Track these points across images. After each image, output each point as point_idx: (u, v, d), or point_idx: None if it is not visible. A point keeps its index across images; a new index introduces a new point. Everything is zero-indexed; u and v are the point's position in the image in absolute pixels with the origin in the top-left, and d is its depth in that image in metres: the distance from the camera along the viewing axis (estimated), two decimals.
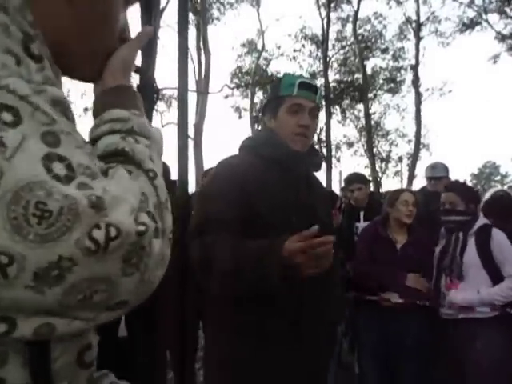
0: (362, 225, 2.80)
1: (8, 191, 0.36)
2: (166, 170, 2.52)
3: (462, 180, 2.83)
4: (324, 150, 15.46)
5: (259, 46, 18.39)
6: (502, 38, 15.06)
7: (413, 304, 2.18)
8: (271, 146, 1.28)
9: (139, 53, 0.61)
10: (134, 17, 0.65)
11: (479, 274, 2.12)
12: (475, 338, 2.06)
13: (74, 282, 0.39)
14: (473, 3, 15.39)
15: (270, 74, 16.94)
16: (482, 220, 2.26)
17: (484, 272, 2.12)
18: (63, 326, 0.41)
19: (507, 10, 14.56)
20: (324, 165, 15.17)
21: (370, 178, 10.79)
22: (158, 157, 0.51)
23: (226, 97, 17.58)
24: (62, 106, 0.42)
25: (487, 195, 3.29)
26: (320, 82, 15.85)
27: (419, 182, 17.62)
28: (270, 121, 1.34)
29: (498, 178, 38.33)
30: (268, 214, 1.17)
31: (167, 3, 10.71)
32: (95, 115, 0.52)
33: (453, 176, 3.28)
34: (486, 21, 15.34)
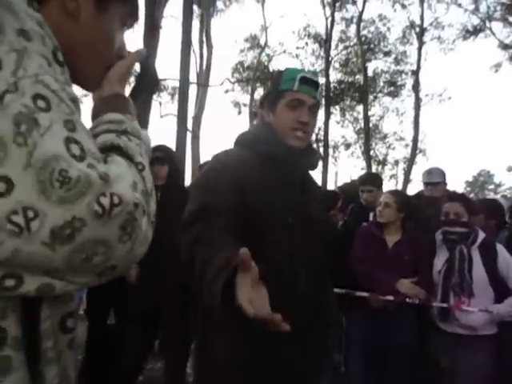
0: None
1: (39, 159, 0.43)
2: (175, 158, 2.51)
3: (456, 187, 2.86)
4: (321, 150, 15.47)
5: (262, 42, 18.32)
6: (504, 46, 15.11)
7: (402, 302, 2.18)
8: (268, 142, 1.23)
9: (141, 41, 0.67)
10: (139, 5, 0.72)
11: (486, 290, 2.13)
12: (469, 352, 2.08)
13: (82, 242, 0.46)
14: (477, 10, 15.43)
15: (271, 70, 16.86)
16: (482, 233, 2.26)
17: (489, 287, 2.14)
18: (61, 286, 0.48)
19: (511, 18, 14.60)
20: (320, 164, 15.17)
21: None
22: (146, 154, 0.60)
23: (227, 91, 17.52)
24: (76, 103, 0.51)
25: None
26: (321, 81, 15.83)
27: (414, 187, 17.70)
28: (269, 115, 1.29)
29: (492, 186, 38.63)
30: (265, 212, 1.13)
31: None
32: (94, 117, 0.62)
33: (448, 182, 3.27)
34: (490, 29, 15.39)
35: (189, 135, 14.17)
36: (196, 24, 15.35)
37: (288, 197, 1.20)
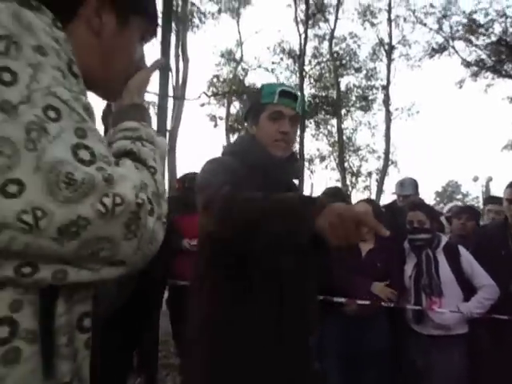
0: None
1: (47, 163, 0.47)
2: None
3: (426, 198, 3.06)
4: None
5: (237, 57, 18.62)
6: (467, 64, 15.96)
7: (378, 306, 2.26)
8: (253, 152, 1.30)
9: None
10: (157, 20, 0.76)
11: (454, 288, 2.27)
12: (444, 352, 2.18)
13: (87, 238, 0.49)
14: (441, 30, 16.28)
15: (247, 84, 17.11)
16: (444, 237, 2.42)
17: (457, 286, 2.27)
18: (74, 273, 0.51)
19: (472, 38, 15.48)
20: None
21: None
22: (161, 159, 0.64)
23: (203, 105, 17.59)
24: (90, 112, 0.55)
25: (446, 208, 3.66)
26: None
27: (387, 197, 18.19)
28: (252, 128, 1.37)
29: (460, 196, 40.12)
30: None
31: None
32: (113, 125, 0.66)
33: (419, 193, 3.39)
34: (453, 47, 16.24)
35: None
36: (172, 39, 15.44)
37: None
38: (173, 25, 14.44)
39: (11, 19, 0.50)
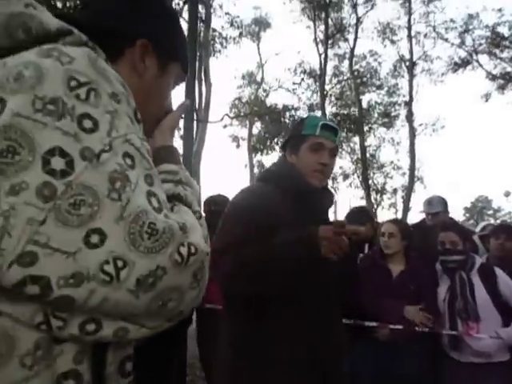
0: None
1: (131, 213, 0.47)
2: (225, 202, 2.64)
3: (455, 214, 2.93)
4: None
5: (258, 78, 18.98)
6: (492, 77, 15.64)
7: (412, 331, 2.17)
8: (292, 179, 1.34)
9: None
10: (188, 67, 0.79)
11: (492, 313, 2.15)
12: (485, 380, 2.06)
13: (161, 289, 0.48)
14: (463, 44, 16.10)
15: (268, 105, 17.34)
16: (478, 258, 2.32)
17: (495, 310, 2.16)
18: (135, 330, 0.50)
19: (496, 51, 15.21)
20: None
21: None
22: (198, 202, 0.64)
23: (225, 126, 17.89)
24: (150, 156, 0.56)
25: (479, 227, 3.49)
26: (317, 114, 16.24)
27: (414, 215, 17.71)
28: (291, 156, 1.41)
29: (491, 212, 38.61)
30: None
31: None
32: None
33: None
34: (477, 61, 15.99)
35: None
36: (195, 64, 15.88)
37: None
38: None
39: (89, 66, 0.51)
